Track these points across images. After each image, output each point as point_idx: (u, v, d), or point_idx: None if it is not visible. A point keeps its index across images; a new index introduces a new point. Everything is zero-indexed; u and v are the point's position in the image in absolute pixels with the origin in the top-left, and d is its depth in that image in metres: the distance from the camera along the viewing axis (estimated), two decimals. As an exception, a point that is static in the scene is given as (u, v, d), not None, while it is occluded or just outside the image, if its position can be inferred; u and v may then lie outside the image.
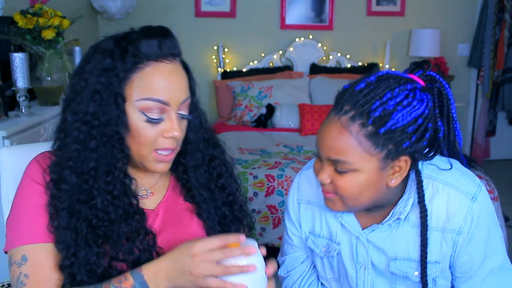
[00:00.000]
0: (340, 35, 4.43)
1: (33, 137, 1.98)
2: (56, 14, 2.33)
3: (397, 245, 1.02)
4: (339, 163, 0.90)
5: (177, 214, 1.02)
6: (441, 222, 0.98)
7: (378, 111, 0.87)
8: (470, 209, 0.96)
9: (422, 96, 0.90)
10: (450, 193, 0.97)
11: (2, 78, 2.08)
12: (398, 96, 0.88)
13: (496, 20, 4.37)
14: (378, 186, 0.93)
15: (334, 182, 0.93)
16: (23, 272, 0.87)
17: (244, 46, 4.36)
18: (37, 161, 0.96)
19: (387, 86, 0.89)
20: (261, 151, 3.05)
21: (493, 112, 4.52)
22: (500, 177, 3.82)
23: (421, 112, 0.89)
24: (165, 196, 1.03)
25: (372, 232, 1.04)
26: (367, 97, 0.88)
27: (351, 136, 0.88)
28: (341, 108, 0.90)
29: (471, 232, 0.97)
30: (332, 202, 0.98)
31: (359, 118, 0.88)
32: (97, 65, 0.89)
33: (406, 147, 0.89)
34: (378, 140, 0.88)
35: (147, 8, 4.22)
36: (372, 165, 0.90)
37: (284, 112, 3.76)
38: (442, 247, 0.99)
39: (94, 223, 0.88)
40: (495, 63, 4.41)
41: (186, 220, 1.03)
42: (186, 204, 1.04)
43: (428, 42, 4.23)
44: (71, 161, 0.89)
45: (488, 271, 0.99)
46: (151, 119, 0.89)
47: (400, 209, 0.99)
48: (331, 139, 0.90)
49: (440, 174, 0.99)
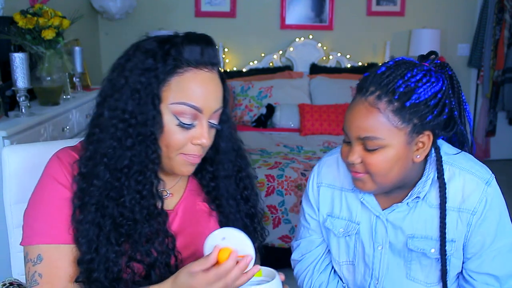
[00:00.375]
0: (340, 35, 4.43)
1: (33, 137, 1.98)
2: (56, 14, 2.32)
3: (415, 224, 1.08)
4: (370, 139, 0.97)
5: (195, 214, 1.04)
6: (457, 203, 1.04)
7: (402, 87, 0.95)
8: (484, 192, 1.03)
9: (438, 76, 0.99)
10: (466, 176, 1.05)
11: (2, 78, 2.08)
12: (417, 75, 0.96)
13: (496, 20, 4.37)
14: (405, 161, 1.00)
15: (365, 160, 0.99)
16: (37, 271, 0.89)
17: (244, 46, 4.36)
18: (58, 158, 0.95)
19: (406, 67, 0.98)
20: (261, 151, 3.05)
21: (493, 112, 4.52)
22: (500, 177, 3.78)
23: (439, 88, 0.98)
24: (182, 196, 1.04)
25: (392, 212, 1.09)
26: (389, 77, 0.96)
27: (380, 113, 0.96)
28: (366, 90, 0.97)
29: (484, 213, 1.03)
30: (362, 182, 1.03)
31: (385, 96, 0.95)
32: (138, 64, 0.90)
33: (429, 120, 0.97)
34: (404, 114, 0.95)
35: (147, 8, 4.23)
36: (400, 139, 0.97)
37: (284, 112, 3.76)
38: (457, 226, 1.05)
39: (119, 221, 0.90)
40: (495, 63, 4.41)
41: (204, 221, 1.04)
42: (203, 204, 1.05)
43: (428, 42, 4.23)
44: (106, 157, 0.90)
45: (497, 252, 1.06)
46: (183, 123, 0.90)
47: (419, 188, 1.05)
48: (361, 119, 0.97)
49: (456, 160, 1.07)
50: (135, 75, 0.89)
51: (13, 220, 1.13)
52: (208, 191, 1.06)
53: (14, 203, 1.13)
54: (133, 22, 4.22)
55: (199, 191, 1.07)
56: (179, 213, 1.01)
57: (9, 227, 1.14)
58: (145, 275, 0.92)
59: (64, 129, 2.35)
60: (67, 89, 2.62)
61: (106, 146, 0.90)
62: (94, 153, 0.91)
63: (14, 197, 1.13)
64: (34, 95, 2.36)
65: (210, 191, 1.06)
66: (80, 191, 0.91)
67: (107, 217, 0.89)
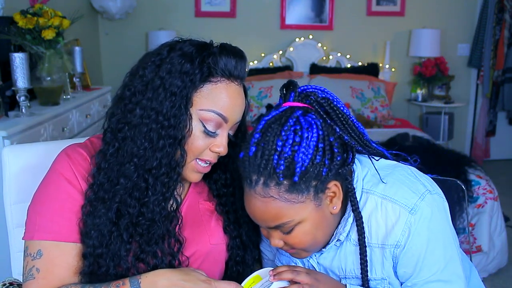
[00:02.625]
0: (340, 35, 4.43)
1: (33, 137, 1.98)
2: (56, 14, 2.32)
3: (343, 264, 1.01)
4: (281, 226, 0.90)
5: (197, 213, 1.05)
6: (381, 239, 0.95)
7: (282, 165, 0.85)
8: (407, 222, 0.92)
9: (308, 120, 0.88)
10: (388, 206, 0.94)
11: (2, 78, 2.08)
12: (288, 138, 0.86)
13: (496, 20, 4.37)
14: (324, 221, 0.93)
15: (287, 241, 0.93)
16: (36, 266, 0.90)
17: (244, 46, 4.27)
18: (67, 155, 0.95)
19: (273, 135, 0.86)
20: (261, 151, 3.05)
21: (493, 112, 4.52)
22: (500, 177, 3.81)
23: (316, 137, 0.87)
24: (186, 196, 1.06)
25: (321, 254, 1.03)
26: (263, 157, 0.86)
27: (276, 200, 0.87)
28: (250, 181, 0.88)
29: (407, 244, 0.93)
30: (297, 253, 0.98)
31: (270, 181, 0.86)
32: (176, 66, 0.90)
33: (326, 173, 0.88)
34: (299, 187, 0.87)
35: (147, 8, 4.23)
36: (308, 209, 0.89)
37: (284, 112, 3.76)
38: (384, 263, 0.97)
39: (137, 220, 0.91)
40: (495, 63, 4.41)
41: (205, 219, 1.05)
42: (206, 203, 1.07)
43: (428, 42, 4.24)
44: (136, 157, 0.90)
45: (423, 282, 0.96)
46: (209, 131, 0.92)
47: (340, 229, 0.98)
48: (260, 212, 0.90)
49: (380, 186, 0.95)
50: (172, 78, 0.90)
51: (13, 220, 1.13)
52: (218, 194, 1.08)
53: (14, 203, 1.13)
54: (133, 22, 4.22)
55: (202, 191, 1.08)
56: (182, 213, 1.02)
57: (9, 227, 1.14)
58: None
59: (64, 129, 2.35)
60: (67, 89, 2.62)
61: (137, 146, 0.90)
62: (120, 151, 0.91)
63: (14, 197, 1.13)
64: (34, 95, 2.36)
65: (221, 195, 1.08)
66: (98, 185, 0.91)
67: (126, 215, 0.90)
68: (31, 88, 2.15)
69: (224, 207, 1.07)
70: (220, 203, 1.08)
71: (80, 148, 0.97)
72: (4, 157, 1.13)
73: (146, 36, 4.23)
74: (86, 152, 0.96)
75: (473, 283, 1.17)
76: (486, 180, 2.55)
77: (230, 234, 1.07)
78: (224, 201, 1.07)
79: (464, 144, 4.77)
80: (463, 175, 2.53)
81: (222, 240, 1.06)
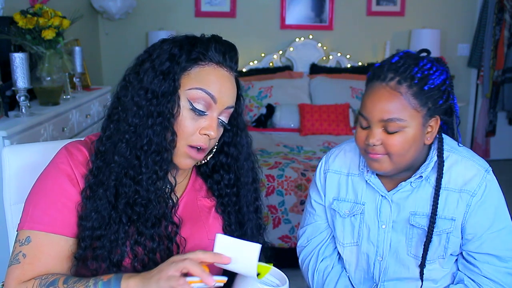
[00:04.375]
0: (340, 35, 4.43)
1: (33, 137, 1.98)
2: (56, 14, 2.32)
3: (417, 202, 1.16)
4: (393, 121, 1.05)
5: (195, 209, 1.06)
6: (459, 185, 1.13)
7: (419, 73, 1.05)
8: (484, 178, 1.12)
9: (439, 66, 1.10)
10: (467, 163, 1.14)
11: (2, 78, 2.08)
12: (427, 64, 1.07)
13: (496, 20, 4.37)
14: (419, 142, 1.09)
15: (385, 142, 1.07)
16: (22, 252, 0.90)
17: (244, 46, 4.36)
18: (68, 151, 0.97)
19: (416, 57, 1.08)
20: (261, 151, 3.05)
21: (493, 112, 4.52)
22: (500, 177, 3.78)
23: (445, 76, 1.09)
24: (185, 190, 1.06)
25: (397, 192, 1.17)
26: (405, 65, 1.06)
27: (402, 96, 1.05)
28: (384, 77, 1.06)
29: (483, 196, 1.11)
30: (379, 163, 1.10)
31: (404, 81, 1.05)
32: (165, 50, 0.95)
33: (440, 104, 1.08)
34: (422, 97, 1.05)
35: (147, 8, 4.23)
36: (417, 121, 1.06)
37: (284, 112, 3.76)
38: (458, 205, 1.13)
39: (133, 199, 0.92)
40: (495, 63, 4.41)
41: (204, 215, 1.06)
42: (204, 200, 1.08)
43: (428, 42, 4.23)
44: (127, 134, 0.92)
45: (496, 234, 1.13)
46: (196, 108, 0.93)
47: (422, 170, 1.14)
48: (384, 102, 1.05)
49: (459, 150, 1.16)
50: (161, 59, 0.94)
51: (13, 220, 1.13)
52: (220, 194, 1.08)
53: (14, 203, 1.13)
54: (133, 22, 4.22)
55: (200, 188, 1.09)
56: (181, 206, 1.03)
57: (9, 227, 1.14)
58: (145, 262, 0.93)
59: (64, 129, 2.35)
60: (67, 89, 2.62)
61: (128, 124, 0.93)
62: (114, 132, 0.94)
63: (14, 197, 1.13)
64: (34, 95, 2.36)
65: (223, 195, 1.08)
66: (97, 170, 0.93)
67: (122, 195, 0.92)
68: (31, 88, 2.15)
69: (226, 207, 1.08)
70: (221, 203, 1.08)
71: (80, 144, 0.99)
72: (4, 157, 1.13)
73: (146, 36, 4.23)
74: (86, 148, 0.98)
75: None
76: (486, 180, 2.56)
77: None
78: (227, 201, 1.08)
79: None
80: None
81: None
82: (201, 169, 1.10)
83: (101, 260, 0.91)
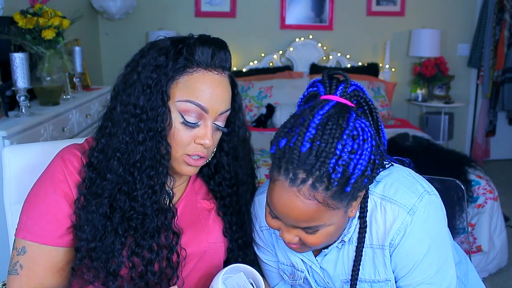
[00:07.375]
0: (340, 35, 4.43)
1: (33, 137, 1.98)
2: (56, 14, 2.32)
3: (346, 266, 1.00)
4: (311, 228, 0.86)
5: (194, 212, 1.05)
6: (381, 240, 0.94)
7: (338, 172, 0.80)
8: (404, 222, 0.91)
9: (363, 128, 0.84)
10: (387, 207, 0.93)
11: (2, 78, 2.08)
12: (347, 144, 0.81)
13: (496, 20, 4.37)
14: (344, 224, 0.92)
15: (304, 239, 0.88)
16: (19, 262, 0.92)
17: (244, 46, 4.36)
18: (62, 160, 0.96)
19: (331, 135, 0.81)
20: (261, 151, 3.05)
21: (493, 112, 4.52)
22: (500, 177, 3.81)
23: (371, 147, 0.84)
24: (184, 193, 1.05)
25: (324, 257, 1.02)
26: (319, 158, 0.80)
27: (319, 203, 0.82)
28: (294, 176, 0.81)
29: (401, 244, 0.92)
30: (301, 248, 0.93)
31: (320, 184, 0.80)
32: (151, 60, 0.92)
33: (366, 184, 0.86)
34: (344, 195, 0.83)
35: (147, 8, 4.23)
36: (340, 214, 0.87)
37: (284, 112, 3.76)
38: (387, 264, 0.96)
39: (129, 214, 0.91)
40: (495, 63, 4.41)
41: (203, 218, 1.05)
42: (204, 202, 1.07)
43: (428, 42, 4.24)
44: (119, 152, 0.91)
45: (416, 284, 0.95)
46: (187, 122, 0.91)
47: (345, 231, 0.96)
48: (297, 212, 0.83)
49: (379, 187, 0.94)
50: (147, 71, 0.91)
51: (13, 220, 1.13)
52: (222, 196, 1.07)
53: (14, 203, 1.13)
54: (133, 22, 4.22)
55: (199, 189, 1.08)
56: (180, 209, 1.03)
57: (9, 227, 1.14)
58: (142, 273, 0.93)
59: (64, 129, 2.35)
60: (67, 89, 2.62)
61: (119, 141, 0.91)
62: (106, 147, 0.93)
63: (14, 197, 1.13)
64: (34, 95, 2.35)
65: (225, 196, 1.07)
66: (89, 181, 0.92)
67: (118, 210, 0.91)
68: (31, 88, 2.15)
69: (228, 209, 1.06)
70: (224, 205, 1.06)
71: (77, 150, 0.97)
72: (4, 157, 1.13)
73: (146, 36, 4.23)
74: (82, 154, 0.97)
75: (472, 283, 1.17)
76: (486, 180, 2.55)
77: (232, 237, 1.06)
78: (229, 202, 1.06)
79: (464, 144, 4.77)
80: (463, 175, 2.53)
81: (220, 239, 1.05)
82: (202, 170, 1.08)
83: (98, 270, 0.91)
